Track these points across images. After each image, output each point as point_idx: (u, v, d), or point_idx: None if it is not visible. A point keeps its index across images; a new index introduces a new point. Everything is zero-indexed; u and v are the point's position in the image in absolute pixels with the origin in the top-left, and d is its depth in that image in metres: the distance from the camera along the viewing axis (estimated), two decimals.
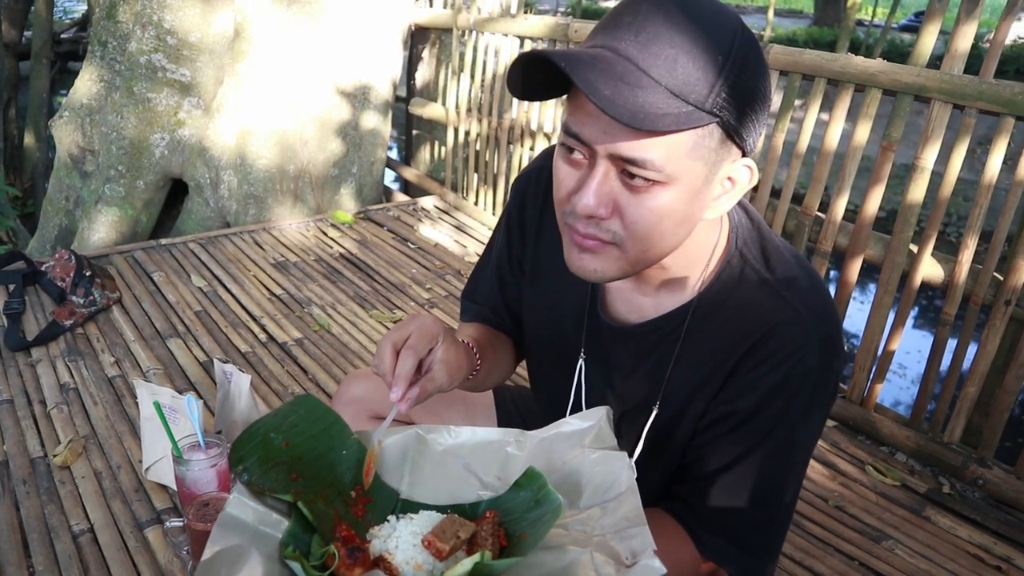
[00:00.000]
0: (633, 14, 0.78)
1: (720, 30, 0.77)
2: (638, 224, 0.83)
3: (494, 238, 1.24)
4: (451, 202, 3.99)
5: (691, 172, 0.81)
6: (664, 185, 0.80)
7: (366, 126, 3.87)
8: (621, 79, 0.75)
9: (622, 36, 0.77)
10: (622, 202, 0.82)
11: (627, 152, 0.78)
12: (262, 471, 0.92)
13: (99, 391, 2.18)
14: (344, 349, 2.53)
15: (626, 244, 0.85)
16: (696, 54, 0.75)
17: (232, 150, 3.45)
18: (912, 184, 2.05)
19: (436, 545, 0.86)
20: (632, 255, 0.86)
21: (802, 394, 0.92)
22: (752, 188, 0.93)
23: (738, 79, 0.77)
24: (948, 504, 1.97)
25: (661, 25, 0.76)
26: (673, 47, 0.75)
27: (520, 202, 1.16)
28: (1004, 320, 1.94)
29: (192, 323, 2.60)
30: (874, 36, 16.24)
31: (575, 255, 0.89)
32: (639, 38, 0.76)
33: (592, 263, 0.88)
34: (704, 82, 0.76)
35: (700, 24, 0.76)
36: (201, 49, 3.35)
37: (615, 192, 0.82)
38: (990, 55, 1.89)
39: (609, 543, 0.84)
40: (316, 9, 3.47)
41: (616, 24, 0.79)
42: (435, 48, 4.15)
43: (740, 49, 0.78)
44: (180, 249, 3.17)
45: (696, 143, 0.79)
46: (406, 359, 0.90)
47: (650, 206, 0.82)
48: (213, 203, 3.52)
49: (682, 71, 0.75)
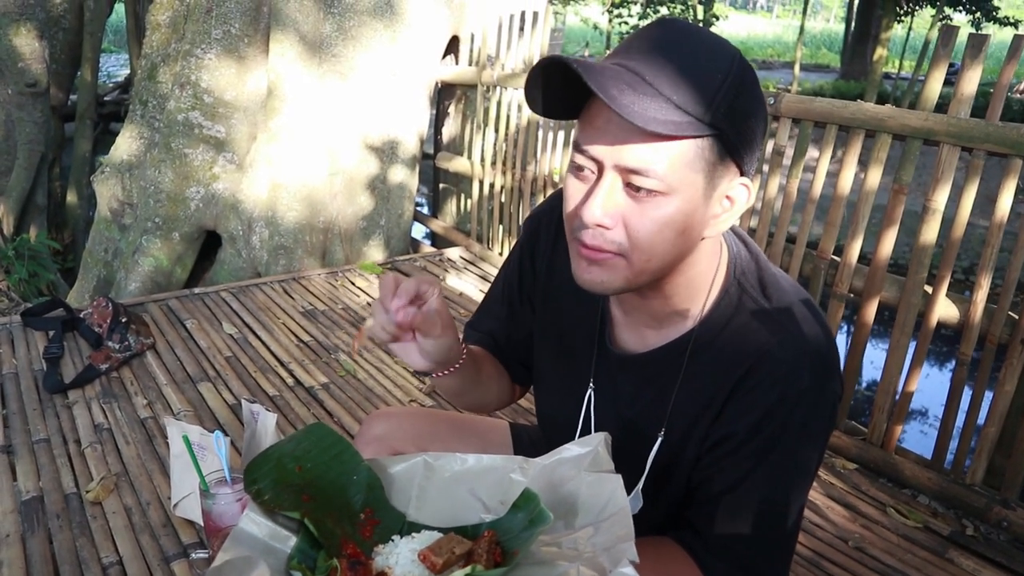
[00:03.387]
0: (641, 40, 0.87)
1: (719, 55, 0.86)
2: (640, 233, 0.88)
3: (502, 273, 1.28)
4: (476, 253, 4.07)
5: (691, 184, 0.86)
6: (666, 195, 0.86)
7: (394, 180, 3.99)
8: (629, 86, 0.82)
9: (632, 56, 0.85)
10: (626, 212, 0.87)
11: (631, 162, 0.84)
12: (274, 492, 0.97)
13: (131, 431, 2.25)
14: (369, 394, 2.59)
15: (630, 254, 0.90)
16: (698, 73, 0.83)
17: (264, 203, 3.58)
18: (925, 225, 2.08)
19: (431, 559, 0.90)
20: (636, 265, 0.91)
21: (797, 414, 0.95)
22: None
23: (735, 99, 0.84)
24: (972, 546, 1.95)
25: (667, 48, 0.85)
26: (677, 66, 0.83)
27: (533, 238, 1.21)
28: (1021, 359, 1.94)
29: (222, 368, 2.68)
30: (901, 88, 16.34)
31: (582, 268, 0.94)
32: (647, 57, 0.84)
33: (599, 275, 0.92)
34: (704, 97, 0.83)
35: (701, 49, 0.85)
36: (236, 107, 3.51)
37: (620, 203, 0.87)
38: (995, 98, 1.93)
39: (597, 559, 0.88)
40: (346, 68, 3.63)
41: (627, 48, 0.87)
42: (460, 104, 4.29)
43: (737, 74, 0.85)
44: (212, 298, 3.27)
45: (696, 155, 0.85)
46: (408, 283, 0.95)
47: (652, 215, 0.87)
48: (245, 254, 3.63)
49: (684, 86, 0.83)
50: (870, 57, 17.26)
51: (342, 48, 3.59)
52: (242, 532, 0.91)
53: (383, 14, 3.65)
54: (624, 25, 22.55)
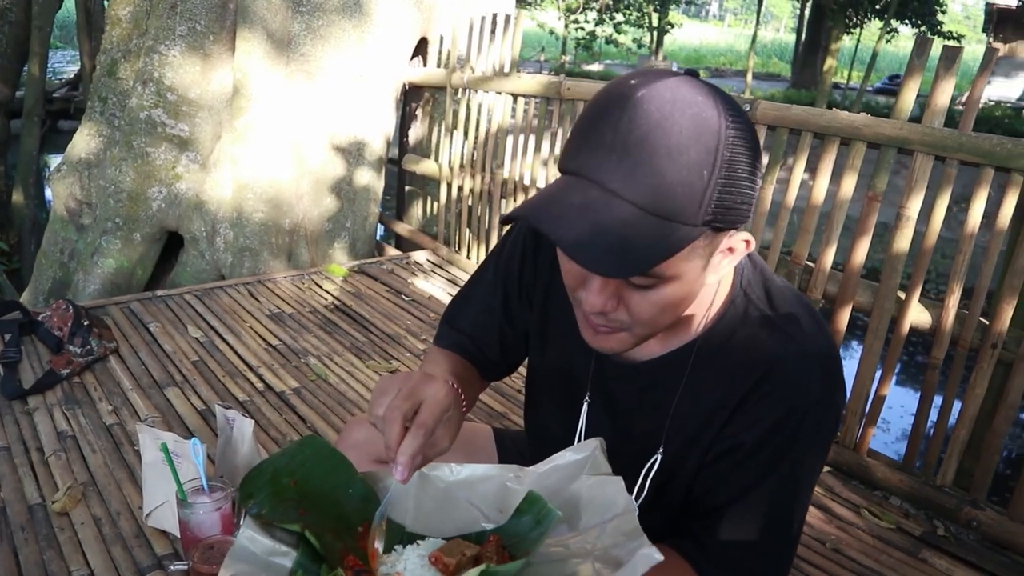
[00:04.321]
0: (613, 130, 0.78)
1: (703, 139, 0.77)
2: (643, 315, 0.88)
3: (496, 264, 1.22)
4: (444, 256, 4.05)
5: (690, 270, 0.85)
6: (665, 283, 0.85)
7: (360, 182, 3.94)
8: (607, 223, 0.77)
9: (604, 161, 0.78)
10: (625, 297, 0.87)
11: None
12: (271, 506, 0.94)
13: (97, 439, 2.17)
14: (342, 398, 2.55)
15: (634, 328, 0.90)
16: (682, 175, 0.77)
17: (229, 204, 3.51)
18: (898, 233, 2.12)
19: (443, 560, 0.89)
20: (643, 334, 0.92)
21: (806, 427, 0.95)
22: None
23: (726, 184, 0.79)
24: (943, 546, 2.00)
25: (643, 148, 0.77)
26: (659, 173, 0.76)
27: (537, 236, 1.17)
28: (991, 363, 1.99)
29: (189, 372, 2.61)
30: (850, 98, 16.77)
31: (589, 335, 0.94)
32: (623, 164, 0.77)
33: (607, 342, 0.93)
34: (694, 201, 0.78)
35: (684, 140, 0.77)
36: (200, 105, 3.43)
37: (619, 289, 0.87)
38: (968, 110, 1.99)
39: (610, 552, 0.88)
40: (314, 67, 3.57)
41: (597, 143, 0.79)
42: (428, 106, 4.26)
43: (725, 157, 0.79)
44: (176, 300, 3.19)
45: (692, 249, 0.82)
46: (415, 438, 0.85)
47: (652, 300, 0.86)
48: (209, 256, 3.55)
49: (669, 197, 0.77)
50: (820, 67, 17.69)
51: (310, 47, 3.54)
52: (241, 549, 0.89)
53: (352, 14, 3.61)
54: (580, 31, 22.72)
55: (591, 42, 22.87)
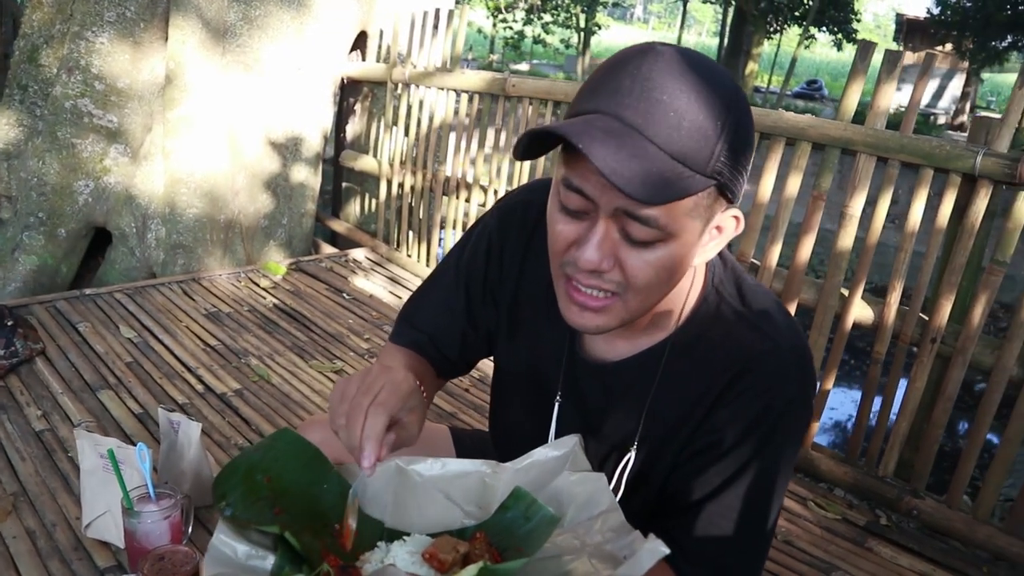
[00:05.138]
0: (633, 76, 0.80)
1: (719, 93, 0.80)
2: (638, 277, 0.86)
3: (453, 263, 1.19)
4: (383, 254, 3.98)
5: (689, 229, 0.85)
6: (664, 241, 0.84)
7: (297, 178, 3.85)
8: (629, 150, 0.77)
9: (624, 101, 0.79)
10: (623, 255, 0.85)
11: (633, 209, 0.81)
12: (245, 506, 0.91)
13: (26, 446, 2.05)
14: (286, 399, 2.47)
15: (626, 295, 0.88)
16: (698, 121, 0.78)
17: (161, 199, 3.37)
18: (842, 231, 2.18)
19: (439, 557, 0.88)
20: (632, 306, 0.90)
21: (784, 422, 0.96)
22: None
23: (734, 141, 0.81)
24: (887, 535, 2.06)
25: (663, 90, 0.78)
26: (676, 114, 0.78)
27: (504, 231, 1.14)
28: (931, 357, 2.07)
29: (124, 374, 2.49)
30: (770, 102, 17.29)
31: (574, 312, 0.91)
32: (642, 104, 0.78)
33: (593, 319, 0.91)
34: (706, 149, 0.79)
35: (702, 89, 0.79)
36: (130, 95, 3.28)
37: (617, 246, 0.85)
38: (908, 113, 2.06)
39: (603, 547, 0.88)
40: (251, 59, 3.47)
41: (616, 88, 0.80)
42: (367, 101, 4.18)
43: (736, 111, 0.81)
44: (106, 299, 3.04)
45: (696, 203, 0.83)
46: (377, 417, 0.84)
47: (649, 259, 0.85)
48: (139, 253, 3.40)
49: (685, 139, 0.78)
50: (742, 71, 18.18)
51: (247, 38, 3.43)
52: (217, 554, 0.87)
53: (291, 4, 3.51)
54: (508, 30, 22.77)
55: (519, 42, 22.95)
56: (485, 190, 3.40)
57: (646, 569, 0.80)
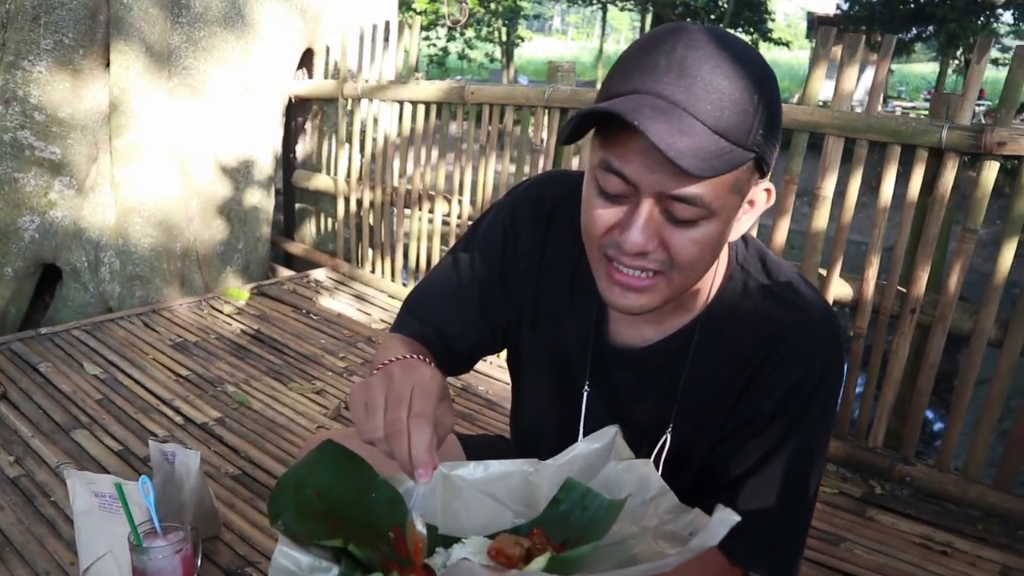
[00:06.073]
0: (668, 55, 0.81)
1: (752, 69, 0.82)
2: (683, 256, 0.86)
3: (460, 256, 1.15)
4: (346, 272, 3.92)
5: (731, 205, 0.86)
6: (707, 218, 0.84)
7: (250, 201, 3.76)
8: (678, 126, 0.78)
9: (663, 80, 0.80)
10: (667, 235, 0.85)
11: (677, 190, 0.81)
12: (300, 523, 0.89)
13: (3, 493, 1.94)
14: (271, 424, 2.40)
15: (671, 273, 0.88)
16: (737, 96, 0.80)
17: (112, 230, 3.25)
18: (816, 212, 2.24)
19: (506, 552, 0.87)
20: (676, 283, 0.90)
21: (821, 388, 0.98)
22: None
23: (768, 115, 0.83)
24: (884, 504, 2.11)
25: (701, 67, 0.79)
26: (718, 91, 0.79)
27: (518, 227, 1.12)
28: (911, 327, 2.14)
29: (96, 412, 2.38)
30: None
31: (616, 293, 0.91)
32: (682, 82, 0.79)
33: (636, 299, 0.90)
34: (746, 123, 0.81)
35: (736, 65, 0.80)
36: (72, 125, 3.16)
37: (660, 226, 0.85)
38: (873, 94, 2.13)
39: (663, 529, 0.88)
40: (198, 82, 3.38)
41: (653, 67, 0.81)
42: (317, 119, 4.12)
43: (768, 85, 0.83)
44: (64, 337, 2.91)
45: (737, 178, 0.84)
46: (422, 430, 0.79)
47: (694, 237, 0.85)
48: (93, 288, 3.27)
49: (728, 114, 0.79)
50: None
51: (193, 61, 3.34)
52: (280, 567, 0.84)
53: (234, 25, 3.44)
54: (432, 47, 22.78)
55: (444, 58, 22.97)
56: (449, 200, 3.38)
57: (720, 538, 0.80)
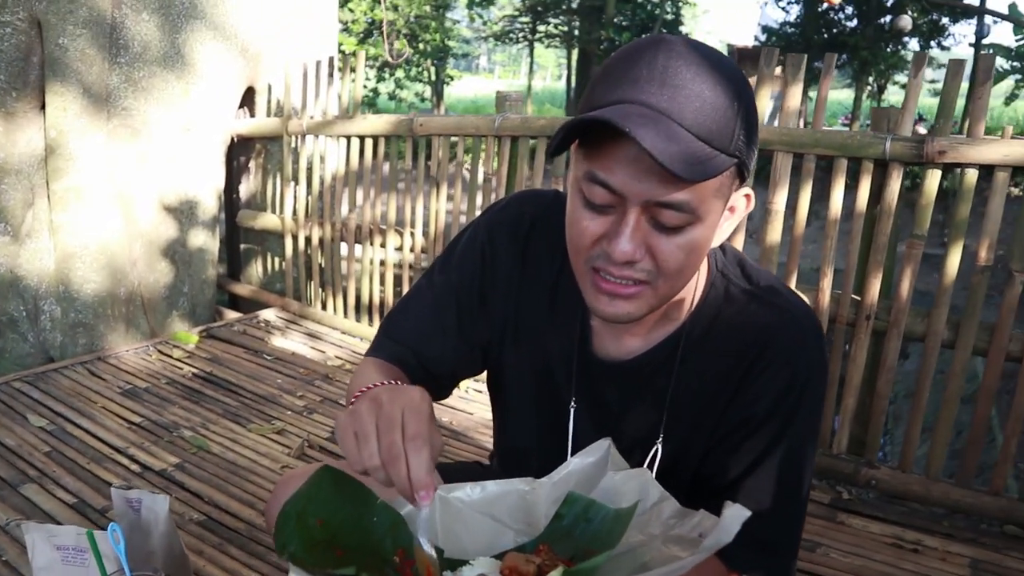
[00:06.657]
0: (650, 65, 0.83)
1: (730, 76, 0.85)
2: (670, 262, 0.88)
3: (436, 277, 1.15)
4: (296, 311, 3.85)
5: (714, 209, 0.88)
6: (693, 224, 0.86)
7: (195, 243, 3.67)
8: (665, 133, 0.80)
9: (647, 89, 0.82)
10: (653, 243, 0.87)
11: (663, 197, 0.83)
12: (306, 553, 0.88)
13: None
14: (232, 467, 2.33)
15: (657, 281, 0.90)
16: (718, 103, 0.82)
17: (52, 277, 3.13)
18: (769, 227, 2.30)
19: (519, 570, 0.87)
20: (662, 291, 0.91)
21: (809, 387, 1.00)
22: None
23: (748, 120, 0.86)
24: (852, 508, 2.16)
25: (683, 76, 0.82)
26: (700, 98, 0.82)
27: (495, 245, 1.12)
28: (867, 333, 2.20)
29: (45, 465, 2.27)
30: None
31: (603, 302, 0.92)
32: (665, 90, 0.82)
33: (624, 307, 0.92)
34: (728, 128, 0.83)
35: (715, 73, 0.83)
36: (6, 170, 3.05)
37: (647, 234, 0.87)
38: (818, 110, 2.21)
39: (671, 532, 0.88)
40: (138, 123, 3.30)
41: (636, 77, 0.83)
42: (260, 158, 4.07)
43: (747, 92, 0.86)
44: (3, 390, 2.77)
45: (720, 183, 0.86)
46: (419, 454, 0.78)
47: (680, 243, 0.87)
48: (33, 337, 3.14)
49: (711, 120, 0.82)
50: None
51: (132, 101, 3.27)
52: None
53: (174, 65, 3.38)
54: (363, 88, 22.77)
55: (374, 99, 23.01)
56: (401, 234, 3.37)
57: (734, 534, 0.81)
